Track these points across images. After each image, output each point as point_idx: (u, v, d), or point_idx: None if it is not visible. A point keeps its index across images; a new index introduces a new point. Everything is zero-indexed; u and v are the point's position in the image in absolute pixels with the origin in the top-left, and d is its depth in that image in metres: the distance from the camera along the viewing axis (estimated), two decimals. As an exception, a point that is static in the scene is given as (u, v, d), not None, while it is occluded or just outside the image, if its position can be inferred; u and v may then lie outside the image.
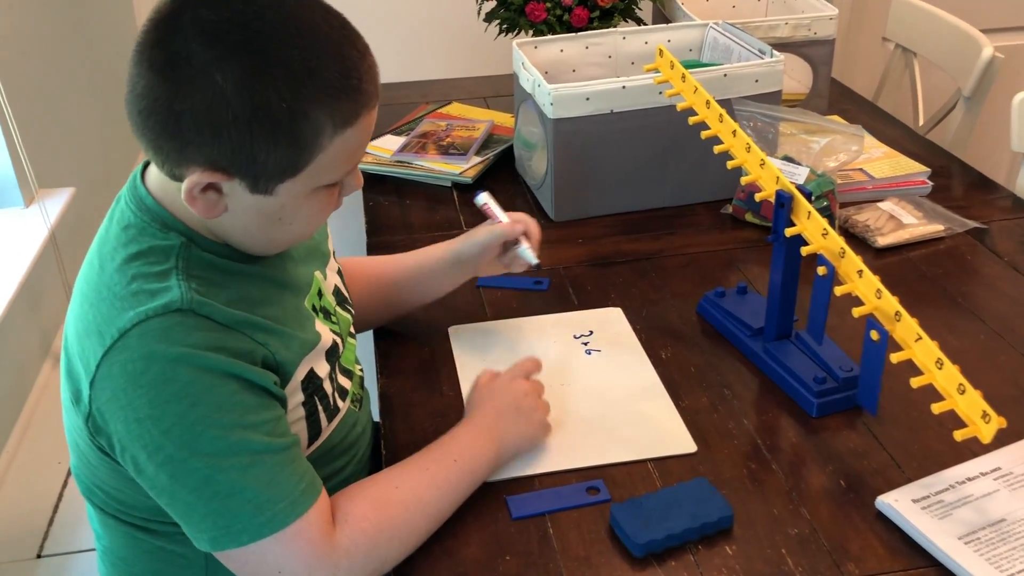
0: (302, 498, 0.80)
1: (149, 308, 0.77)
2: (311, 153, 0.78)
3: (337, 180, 0.84)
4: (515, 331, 1.17)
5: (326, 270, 1.00)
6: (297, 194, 0.81)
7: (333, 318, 0.97)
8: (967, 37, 1.73)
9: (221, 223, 0.83)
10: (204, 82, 0.74)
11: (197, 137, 0.75)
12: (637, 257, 1.33)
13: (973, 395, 0.82)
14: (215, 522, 0.78)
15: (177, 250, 0.82)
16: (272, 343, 0.83)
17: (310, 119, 0.76)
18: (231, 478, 0.77)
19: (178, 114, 0.75)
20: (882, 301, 0.90)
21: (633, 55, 1.58)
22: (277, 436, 0.81)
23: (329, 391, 0.92)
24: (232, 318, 0.80)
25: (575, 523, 0.89)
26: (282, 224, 0.83)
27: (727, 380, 1.08)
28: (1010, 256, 1.30)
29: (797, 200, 1.00)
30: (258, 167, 0.77)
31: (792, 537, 0.87)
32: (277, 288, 0.89)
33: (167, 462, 0.77)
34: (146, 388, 0.76)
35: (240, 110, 0.74)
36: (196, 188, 0.78)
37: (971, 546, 0.82)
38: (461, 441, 0.93)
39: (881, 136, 1.62)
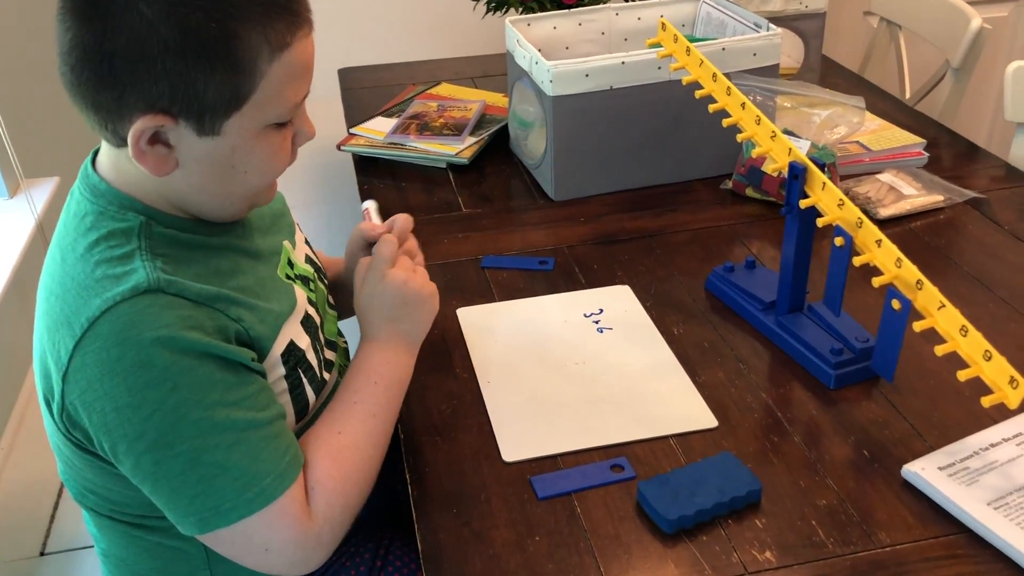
0: (288, 471, 0.79)
1: (116, 293, 0.75)
2: (251, 79, 0.76)
3: (286, 118, 0.81)
4: (524, 311, 1.16)
5: (294, 239, 0.99)
6: (246, 132, 0.78)
7: (312, 286, 0.96)
8: (954, 9, 1.73)
9: (175, 184, 0.80)
10: (129, 15, 0.71)
11: (132, 77, 0.73)
12: (641, 234, 1.32)
13: (1000, 361, 0.82)
14: (203, 503, 0.76)
15: (137, 230, 0.80)
16: (246, 317, 0.81)
17: (242, 40, 0.74)
18: (216, 457, 0.76)
19: (109, 56, 0.72)
20: (903, 270, 0.90)
21: (626, 31, 1.57)
22: (260, 410, 0.80)
23: (315, 363, 0.91)
24: (203, 294, 0.78)
25: (602, 501, 0.88)
26: (236, 172, 0.81)
27: (741, 355, 1.08)
28: (1011, 225, 1.31)
29: (811, 171, 1.00)
30: (200, 101, 0.75)
31: (821, 508, 0.87)
32: (246, 258, 0.87)
33: (150, 449, 0.75)
34: (123, 375, 0.74)
35: (169, 36, 0.72)
36: (143, 139, 0.76)
37: (1001, 511, 0.83)
38: (372, 361, 0.92)
39: (873, 108, 1.62)
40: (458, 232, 1.34)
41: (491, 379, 1.04)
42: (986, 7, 2.40)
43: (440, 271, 1.25)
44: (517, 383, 1.04)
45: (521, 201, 1.43)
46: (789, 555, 0.82)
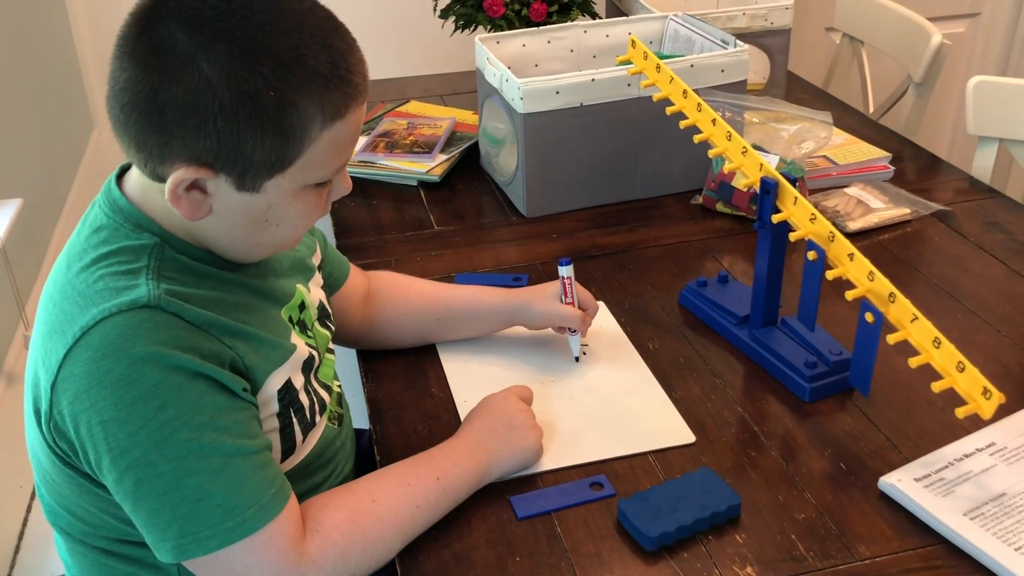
0: (272, 503, 0.77)
1: (113, 304, 0.74)
2: (300, 146, 0.76)
3: (326, 179, 0.81)
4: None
5: (309, 284, 0.97)
6: (284, 192, 0.78)
7: (310, 332, 0.94)
8: (915, 25, 1.76)
9: (204, 226, 0.80)
10: (189, 70, 0.71)
11: (181, 129, 0.73)
12: (613, 250, 1.33)
13: (973, 372, 0.84)
14: (182, 528, 0.74)
15: (150, 250, 0.79)
16: (241, 347, 0.80)
17: (298, 109, 0.74)
18: (200, 482, 0.74)
19: (162, 105, 0.72)
20: (875, 283, 0.91)
21: (595, 48, 1.58)
22: (249, 438, 0.78)
23: (306, 404, 0.89)
24: (201, 318, 0.77)
25: (582, 520, 0.88)
26: (268, 226, 0.81)
27: (717, 369, 1.08)
28: (976, 237, 1.33)
29: (783, 186, 1.01)
30: (245, 160, 0.75)
31: (799, 522, 0.87)
32: (254, 296, 0.86)
33: (133, 466, 0.74)
34: (111, 388, 0.72)
35: (226, 99, 0.72)
36: (181, 186, 0.75)
37: (977, 521, 0.83)
38: (448, 458, 0.89)
39: (838, 123, 1.64)
40: (431, 250, 1.34)
41: (467, 398, 1.04)
42: (944, 23, 2.44)
43: (413, 290, 1.24)
44: (494, 402, 1.03)
45: (493, 218, 1.43)
46: (769, 570, 0.82)
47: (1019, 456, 0.91)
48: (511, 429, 0.93)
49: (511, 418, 0.93)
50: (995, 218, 1.37)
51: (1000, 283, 1.22)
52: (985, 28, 2.58)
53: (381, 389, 1.06)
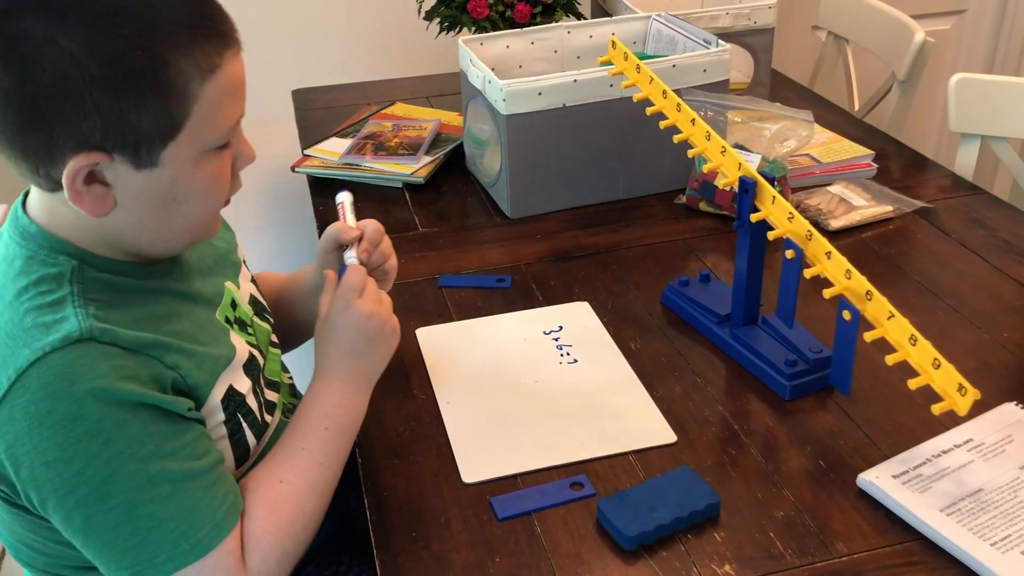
0: (225, 519, 0.77)
1: (46, 343, 0.72)
2: (185, 106, 0.74)
3: (223, 141, 0.79)
4: (483, 329, 1.16)
5: (239, 279, 0.96)
6: (184, 161, 0.76)
7: (250, 329, 0.93)
8: (899, 23, 1.77)
9: (114, 224, 0.77)
10: (49, 53, 0.69)
11: (59, 116, 0.70)
12: (597, 250, 1.33)
13: (948, 369, 0.84)
14: (136, 557, 0.74)
15: (69, 275, 0.77)
16: (183, 364, 0.79)
17: (171, 66, 0.72)
18: (151, 511, 0.74)
19: (33, 96, 0.70)
20: (852, 281, 0.92)
21: (579, 49, 1.58)
22: (198, 458, 0.77)
23: (255, 407, 0.88)
24: (138, 341, 0.76)
25: (562, 520, 0.88)
26: (177, 205, 0.78)
27: (698, 368, 1.08)
28: (957, 234, 1.33)
29: (761, 185, 1.01)
30: (133, 133, 0.72)
31: (778, 520, 0.87)
32: (184, 302, 0.85)
33: (81, 504, 0.73)
34: (53, 430, 0.71)
35: (95, 69, 0.69)
36: (78, 179, 0.73)
37: (953, 517, 0.84)
38: (326, 401, 0.88)
39: (822, 121, 1.65)
40: (415, 251, 1.34)
41: (450, 400, 1.04)
42: (929, 20, 2.45)
43: (397, 291, 1.25)
44: (477, 403, 1.03)
45: (477, 219, 1.43)
46: (748, 568, 0.82)
47: (996, 452, 0.91)
48: (369, 341, 0.91)
49: (363, 329, 0.90)
50: (977, 215, 1.38)
51: (981, 280, 1.23)
52: (971, 25, 2.59)
53: (363, 391, 1.06)
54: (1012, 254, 1.28)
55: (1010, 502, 0.85)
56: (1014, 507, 0.85)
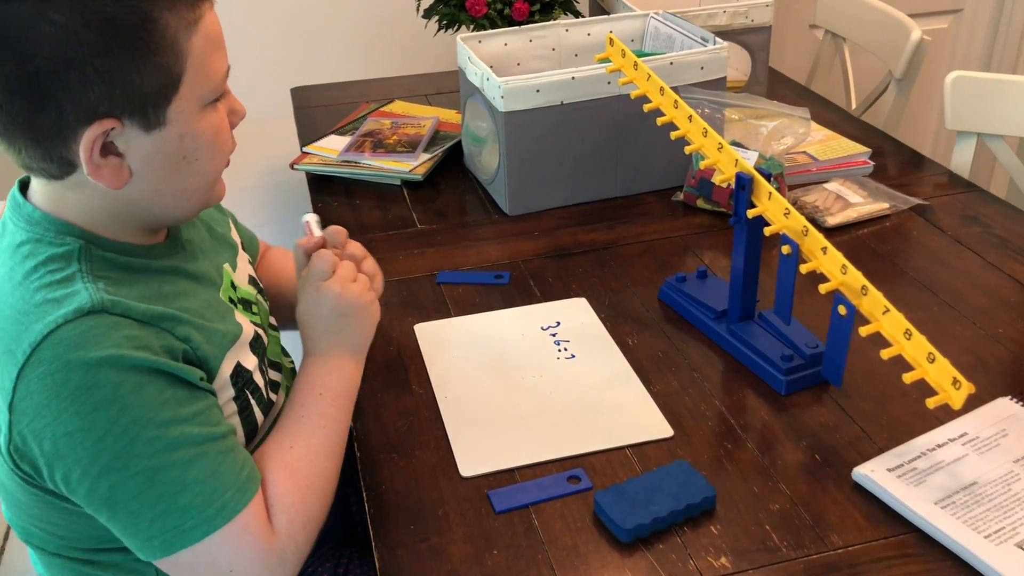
0: (247, 484, 0.79)
1: (58, 316, 0.73)
2: (179, 58, 0.76)
3: (219, 92, 0.81)
4: (481, 325, 1.17)
5: (236, 260, 0.98)
6: (188, 115, 0.78)
7: (254, 308, 0.95)
8: (896, 22, 1.78)
9: (129, 195, 0.79)
10: (41, 29, 0.70)
11: (65, 90, 0.72)
12: (595, 247, 1.33)
13: (943, 363, 0.85)
14: (164, 523, 0.75)
15: (77, 253, 0.78)
16: (193, 337, 0.81)
17: (158, 21, 0.74)
18: (175, 475, 0.75)
19: (35, 76, 0.71)
20: (848, 276, 0.92)
21: (576, 47, 1.59)
22: (214, 425, 0.79)
23: (261, 384, 0.91)
24: (148, 313, 0.77)
25: (559, 513, 0.89)
26: (188, 164, 0.80)
27: (695, 363, 1.09)
28: (953, 231, 1.34)
29: (757, 182, 1.01)
30: (139, 93, 0.74)
31: (774, 513, 0.88)
32: (190, 281, 0.87)
33: (105, 472, 0.74)
34: (70, 399, 0.72)
35: (91, 36, 0.71)
36: (95, 151, 0.74)
37: (948, 510, 0.84)
38: (315, 374, 0.91)
39: (819, 119, 1.66)
40: (413, 248, 1.34)
41: (448, 394, 1.05)
42: (927, 19, 2.46)
43: (396, 287, 1.25)
44: (475, 398, 1.04)
45: (476, 216, 1.43)
46: (744, 560, 0.83)
47: (991, 446, 0.92)
48: (344, 316, 0.93)
49: (340, 306, 0.92)
50: (973, 212, 1.39)
51: (976, 276, 1.23)
52: (968, 24, 2.60)
53: (362, 386, 1.06)
54: (1007, 251, 1.28)
55: (1004, 495, 0.86)
56: (1008, 500, 0.85)
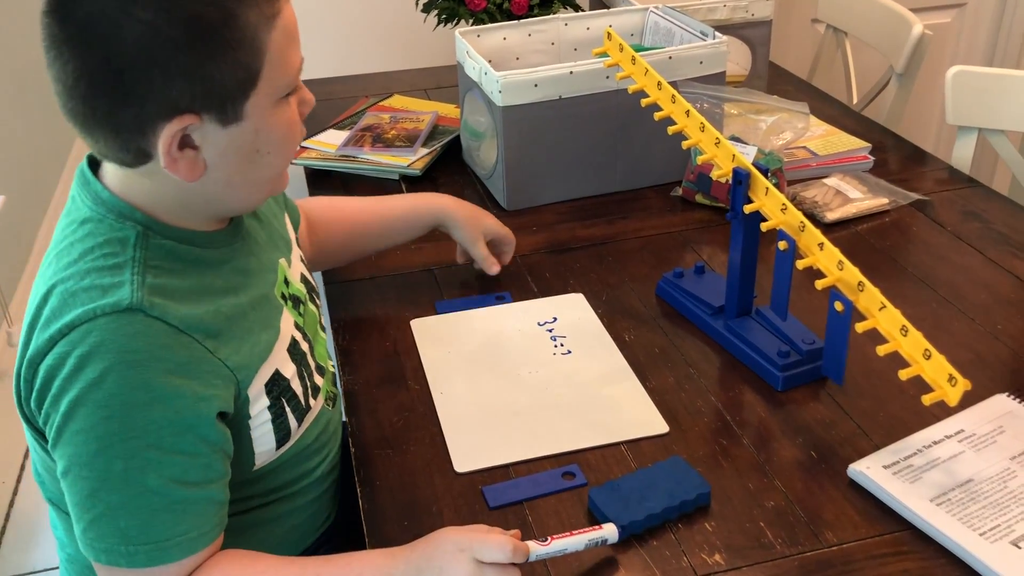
0: (170, 550, 0.76)
1: (98, 306, 0.74)
2: (258, 54, 0.76)
3: (293, 85, 0.81)
4: (479, 320, 1.16)
5: (291, 257, 0.98)
6: (264, 110, 0.79)
7: (301, 308, 0.95)
8: (897, 16, 1.77)
9: (202, 187, 0.80)
10: (129, 25, 0.71)
11: (148, 86, 0.72)
12: (593, 242, 1.33)
13: (939, 359, 0.84)
14: (100, 530, 0.75)
15: (134, 240, 0.79)
16: (223, 349, 0.80)
17: (240, 18, 0.74)
18: (112, 500, 0.74)
19: (120, 72, 0.72)
20: (844, 272, 0.92)
21: (576, 41, 1.58)
22: (180, 480, 0.76)
23: (299, 391, 0.89)
24: (184, 321, 0.77)
25: (553, 509, 0.89)
26: (260, 157, 0.81)
27: (691, 359, 1.09)
28: (953, 226, 1.33)
29: (754, 177, 1.01)
30: (218, 89, 0.75)
31: (769, 509, 0.88)
32: (241, 276, 0.87)
33: (66, 457, 0.75)
34: (76, 386, 0.73)
35: (176, 33, 0.72)
36: (174, 145, 0.76)
37: (943, 507, 0.84)
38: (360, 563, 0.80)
39: (820, 114, 1.65)
40: (410, 243, 1.34)
41: (444, 390, 1.04)
42: (930, 14, 2.44)
43: (392, 282, 1.25)
44: (471, 393, 1.04)
45: (474, 211, 1.43)
46: (738, 557, 0.83)
47: (987, 443, 0.91)
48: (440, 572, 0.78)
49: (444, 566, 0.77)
50: (973, 207, 1.38)
51: (976, 272, 1.23)
52: (971, 18, 2.58)
53: (357, 381, 1.07)
54: (1007, 246, 1.28)
55: (999, 492, 0.85)
56: (1003, 497, 0.85)
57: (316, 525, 0.99)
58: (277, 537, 0.93)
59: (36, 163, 2.83)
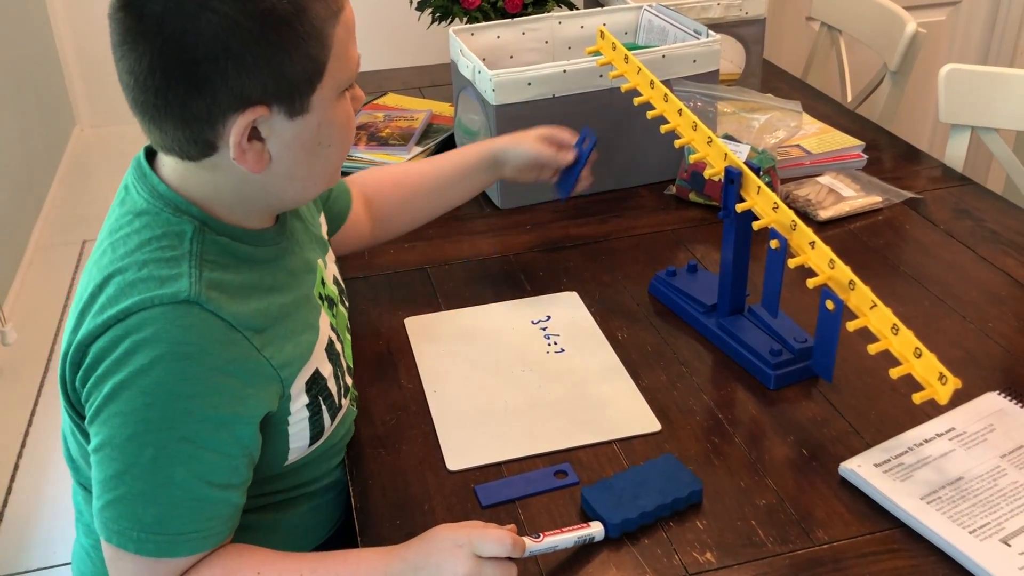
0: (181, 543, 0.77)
1: (155, 296, 0.76)
2: (324, 47, 0.78)
3: (353, 80, 0.83)
4: (473, 319, 1.16)
5: (326, 258, 1.00)
6: (327, 103, 0.80)
7: (334, 310, 0.96)
8: (891, 14, 1.77)
9: (265, 178, 0.81)
10: (205, 17, 0.72)
11: (222, 77, 0.74)
12: (586, 241, 1.33)
13: (929, 358, 0.84)
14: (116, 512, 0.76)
15: (191, 234, 0.81)
16: (269, 348, 0.81)
17: (309, 11, 0.76)
18: (137, 487, 0.75)
19: (195, 63, 0.73)
20: (836, 271, 0.92)
21: (570, 40, 1.58)
22: (207, 476, 0.77)
23: (334, 390, 0.91)
24: (237, 317, 0.79)
25: (545, 507, 0.89)
26: (321, 150, 0.82)
27: (684, 357, 1.09)
28: (945, 224, 1.34)
29: (746, 176, 1.01)
30: (288, 82, 0.76)
31: (760, 508, 0.88)
32: (287, 275, 0.88)
33: (101, 434, 0.76)
34: (125, 371, 0.75)
35: (250, 26, 0.73)
36: (244, 137, 0.77)
37: (933, 505, 0.84)
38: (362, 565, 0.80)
39: (814, 112, 1.65)
40: (404, 241, 1.34)
41: (437, 388, 1.05)
42: (924, 11, 2.45)
43: (386, 280, 1.25)
44: (464, 391, 1.04)
45: (467, 210, 1.43)
46: (729, 555, 0.83)
47: (978, 441, 0.92)
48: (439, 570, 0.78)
49: (442, 563, 0.77)
50: (965, 205, 1.38)
51: (967, 270, 1.23)
52: (965, 16, 2.59)
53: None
54: (999, 244, 1.28)
55: (989, 490, 0.86)
56: (993, 495, 0.85)
57: (330, 522, 1.00)
58: (292, 533, 0.94)
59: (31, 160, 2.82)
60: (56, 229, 2.90)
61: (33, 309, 2.54)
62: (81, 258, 2.77)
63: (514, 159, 1.19)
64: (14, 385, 2.27)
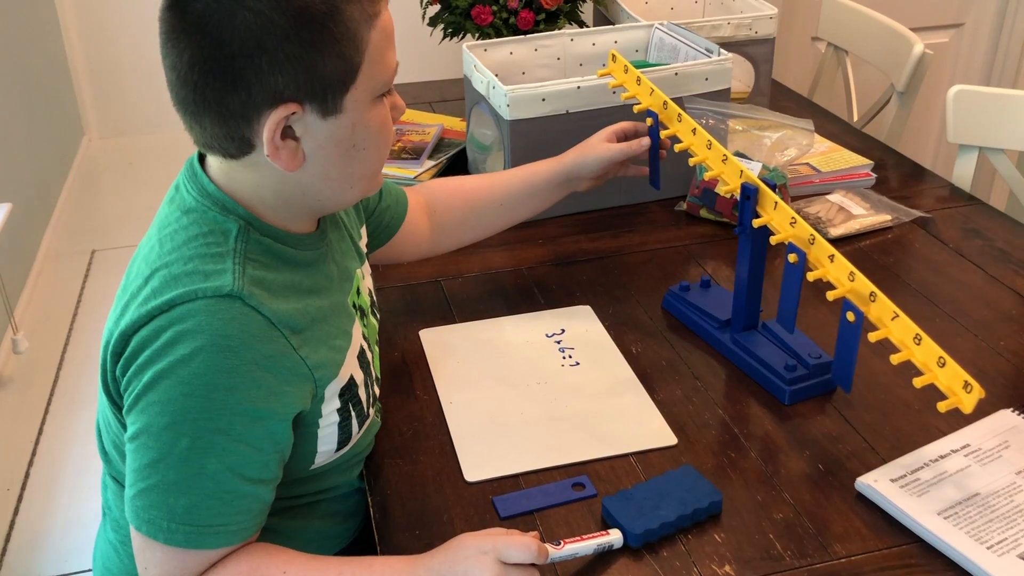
0: (211, 536, 0.78)
1: (199, 288, 0.77)
2: (359, 49, 0.79)
3: (388, 85, 0.84)
4: (487, 331, 1.17)
5: (363, 269, 1.01)
6: (362, 106, 0.81)
7: (365, 320, 0.97)
8: (898, 35, 1.79)
9: (300, 178, 0.83)
10: (241, 14, 0.74)
11: (256, 73, 0.76)
12: (599, 255, 1.34)
13: (954, 366, 0.85)
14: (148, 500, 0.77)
15: (236, 232, 0.82)
16: (305, 349, 0.82)
17: (344, 13, 0.77)
18: (171, 477, 0.76)
19: (231, 58, 0.75)
20: (856, 283, 0.93)
21: (581, 56, 1.60)
22: (241, 468, 0.78)
23: (364, 398, 0.92)
24: (277, 315, 0.80)
25: (564, 519, 0.89)
26: (356, 152, 0.83)
27: (698, 372, 1.10)
28: (955, 243, 1.35)
29: (763, 192, 1.02)
30: (321, 81, 0.78)
31: (778, 522, 0.88)
32: (325, 280, 0.90)
33: (139, 422, 0.77)
34: (166, 360, 0.76)
35: (284, 23, 0.75)
36: (277, 133, 0.78)
37: (951, 521, 0.85)
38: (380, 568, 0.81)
39: (822, 131, 1.67)
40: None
41: (453, 400, 1.05)
42: (929, 33, 2.47)
43: (400, 293, 1.26)
44: (480, 403, 1.04)
45: (480, 224, 1.44)
46: (747, 568, 0.83)
47: (993, 457, 0.92)
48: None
49: (468, 570, 0.78)
50: (974, 225, 1.40)
51: (978, 289, 1.24)
52: (969, 38, 2.61)
53: (367, 391, 1.07)
54: (1008, 264, 1.29)
55: (1006, 506, 0.86)
56: (1010, 511, 0.86)
57: (347, 533, 1.00)
58: (309, 540, 0.94)
59: (40, 171, 2.83)
60: (65, 239, 2.91)
61: (43, 318, 2.54)
62: (91, 268, 2.78)
63: (589, 169, 1.20)
64: (25, 393, 2.27)
